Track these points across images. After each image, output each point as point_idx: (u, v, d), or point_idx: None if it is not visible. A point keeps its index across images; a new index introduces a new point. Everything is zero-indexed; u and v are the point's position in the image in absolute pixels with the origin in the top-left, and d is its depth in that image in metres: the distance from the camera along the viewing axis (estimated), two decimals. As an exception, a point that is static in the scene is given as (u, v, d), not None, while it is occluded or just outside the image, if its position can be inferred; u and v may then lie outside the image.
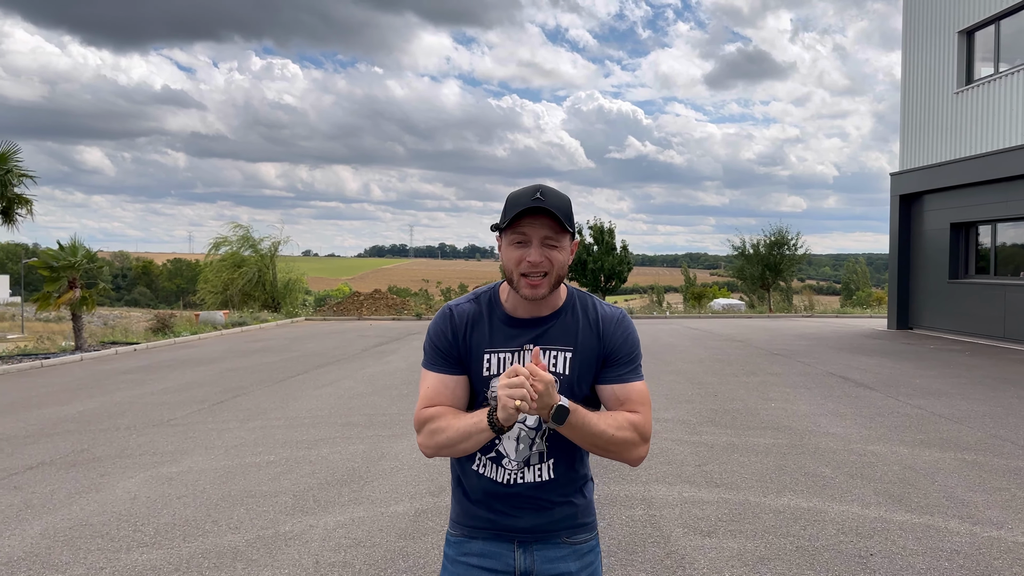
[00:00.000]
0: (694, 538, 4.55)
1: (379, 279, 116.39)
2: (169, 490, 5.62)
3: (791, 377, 10.89)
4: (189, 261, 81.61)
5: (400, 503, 5.25)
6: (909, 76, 19.07)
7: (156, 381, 11.18)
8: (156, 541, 4.59)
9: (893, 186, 19.49)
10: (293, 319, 24.74)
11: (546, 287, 1.84)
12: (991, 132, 15.80)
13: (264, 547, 4.47)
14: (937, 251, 18.06)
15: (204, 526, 4.84)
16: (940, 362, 12.70)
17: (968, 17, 16.73)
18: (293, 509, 5.15)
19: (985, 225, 16.87)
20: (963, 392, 9.58)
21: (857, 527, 4.70)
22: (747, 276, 31.17)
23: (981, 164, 15.93)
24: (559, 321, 1.94)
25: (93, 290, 16.38)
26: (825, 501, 5.21)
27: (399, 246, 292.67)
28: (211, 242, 29.83)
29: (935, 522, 4.78)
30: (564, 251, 1.86)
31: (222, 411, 8.68)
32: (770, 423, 7.72)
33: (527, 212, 1.81)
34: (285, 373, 11.81)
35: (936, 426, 7.56)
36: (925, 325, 18.51)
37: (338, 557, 4.31)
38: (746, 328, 20.29)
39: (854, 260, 77.25)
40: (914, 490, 5.44)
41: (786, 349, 14.69)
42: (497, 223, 1.91)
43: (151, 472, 6.12)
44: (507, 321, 1.94)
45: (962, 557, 4.22)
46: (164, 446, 7.01)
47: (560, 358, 1.92)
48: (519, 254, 1.83)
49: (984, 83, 16.14)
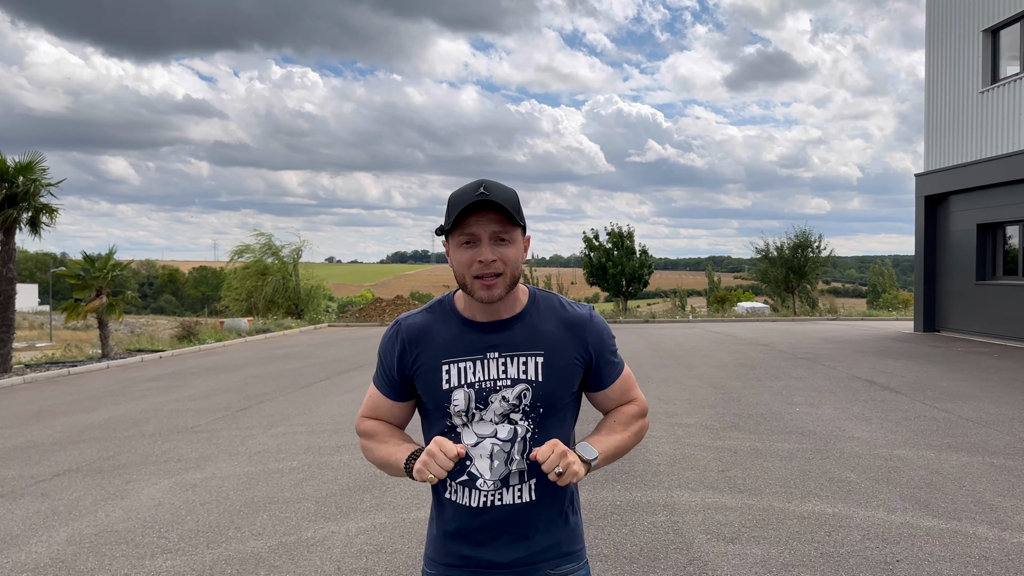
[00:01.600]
0: (717, 544, 4.51)
1: (401, 285, 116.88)
2: (193, 497, 5.67)
3: (815, 381, 10.78)
4: (214, 269, 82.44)
5: (422, 509, 5.26)
6: (933, 76, 18.85)
7: (181, 388, 11.29)
8: (180, 547, 4.63)
9: (918, 187, 19.27)
10: (316, 326, 24.89)
11: (502, 287, 1.71)
12: (1018, 131, 15.57)
13: (286, 553, 4.49)
14: (963, 252, 17.81)
15: (227, 532, 4.87)
16: (968, 365, 12.51)
17: (993, 15, 16.52)
18: (315, 515, 5.17)
19: (1013, 226, 16.62)
20: (991, 395, 9.44)
21: (883, 533, 4.64)
22: (771, 279, 30.94)
23: (1008, 164, 15.70)
24: (523, 324, 1.80)
25: (120, 298, 16.59)
26: (850, 507, 5.15)
27: (421, 252, 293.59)
28: (233, 250, 30.14)
29: (963, 528, 4.70)
30: (517, 246, 1.74)
31: (245, 418, 8.75)
32: (794, 428, 7.64)
33: (471, 208, 1.68)
34: (308, 379, 11.89)
35: (964, 430, 7.45)
36: (952, 327, 18.25)
37: (360, 563, 4.33)
38: (770, 332, 20.13)
39: (880, 262, 76.36)
40: (941, 495, 5.36)
41: (810, 353, 14.55)
42: (441, 226, 1.76)
43: (175, 479, 6.18)
44: (465, 327, 1.80)
45: (991, 563, 4.15)
46: (188, 453, 7.08)
47: (530, 363, 1.77)
48: (469, 255, 1.70)
49: (1010, 82, 15.92)
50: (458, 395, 1.76)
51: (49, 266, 31.45)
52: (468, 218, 1.69)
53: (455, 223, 1.69)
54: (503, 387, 1.75)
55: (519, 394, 1.75)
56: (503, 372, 1.76)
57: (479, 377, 1.76)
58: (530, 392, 1.75)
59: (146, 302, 76.67)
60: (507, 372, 1.76)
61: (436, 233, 1.78)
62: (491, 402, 1.75)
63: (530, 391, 1.75)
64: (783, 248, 30.08)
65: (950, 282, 18.37)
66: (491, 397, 1.75)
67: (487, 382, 1.76)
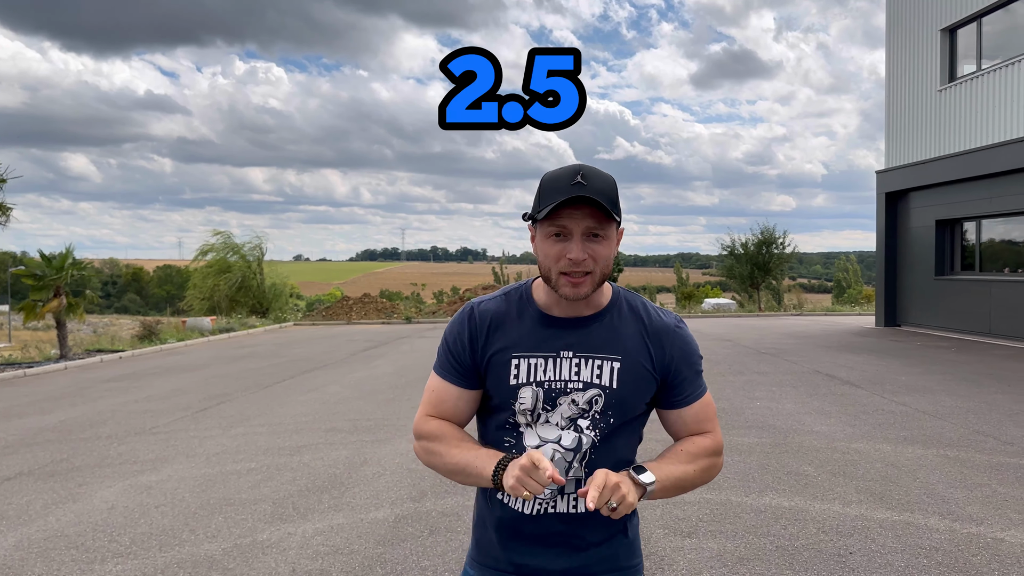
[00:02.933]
0: (674, 539, 4.53)
1: (371, 283, 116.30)
2: (147, 499, 5.57)
3: (777, 376, 10.89)
4: (179, 267, 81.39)
5: (380, 509, 5.21)
6: (893, 74, 19.14)
7: (140, 389, 11.11)
8: (131, 551, 4.54)
9: (879, 184, 19.56)
10: (281, 324, 24.65)
11: (589, 286, 1.60)
12: (974, 129, 15.86)
13: (241, 556, 4.43)
14: (923, 248, 18.12)
15: (181, 535, 4.79)
16: (926, 359, 12.73)
17: (950, 15, 16.81)
18: (272, 517, 5.10)
19: (970, 222, 16.94)
20: (948, 388, 9.60)
21: (838, 526, 4.69)
22: (736, 275, 31.26)
23: (965, 161, 15.99)
24: (602, 323, 1.68)
25: (80, 298, 16.27)
26: (807, 500, 5.20)
27: (391, 249, 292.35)
28: (198, 248, 29.79)
29: (915, 519, 4.77)
30: (610, 243, 1.61)
31: (205, 418, 8.62)
32: (755, 422, 7.71)
33: (567, 202, 1.55)
34: (271, 379, 11.76)
35: (920, 423, 7.57)
36: (912, 322, 18.56)
37: (315, 565, 4.28)
38: (735, 327, 20.32)
39: (845, 258, 77.46)
40: (895, 487, 5.44)
41: (774, 348, 14.70)
42: (529, 212, 1.64)
43: (130, 481, 6.07)
44: (541, 320, 1.68)
45: (941, 554, 4.21)
46: (145, 455, 6.95)
47: (606, 368, 1.64)
48: (558, 249, 1.58)
49: (967, 80, 16.21)
50: (525, 393, 1.64)
51: (8, 265, 30.82)
52: (562, 211, 1.57)
53: (548, 214, 1.57)
54: (574, 390, 1.64)
55: (591, 399, 1.64)
56: (575, 374, 1.64)
57: (550, 376, 1.64)
58: (602, 399, 1.63)
59: (109, 301, 75.35)
60: (580, 374, 1.64)
61: (523, 218, 1.67)
62: (559, 404, 1.64)
63: (602, 397, 1.63)
64: (748, 245, 30.43)
65: (910, 277, 18.68)
66: (560, 399, 1.64)
67: (558, 382, 1.64)
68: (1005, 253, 16.07)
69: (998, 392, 9.28)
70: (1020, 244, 15.60)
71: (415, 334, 20.39)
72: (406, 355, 14.99)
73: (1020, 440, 6.79)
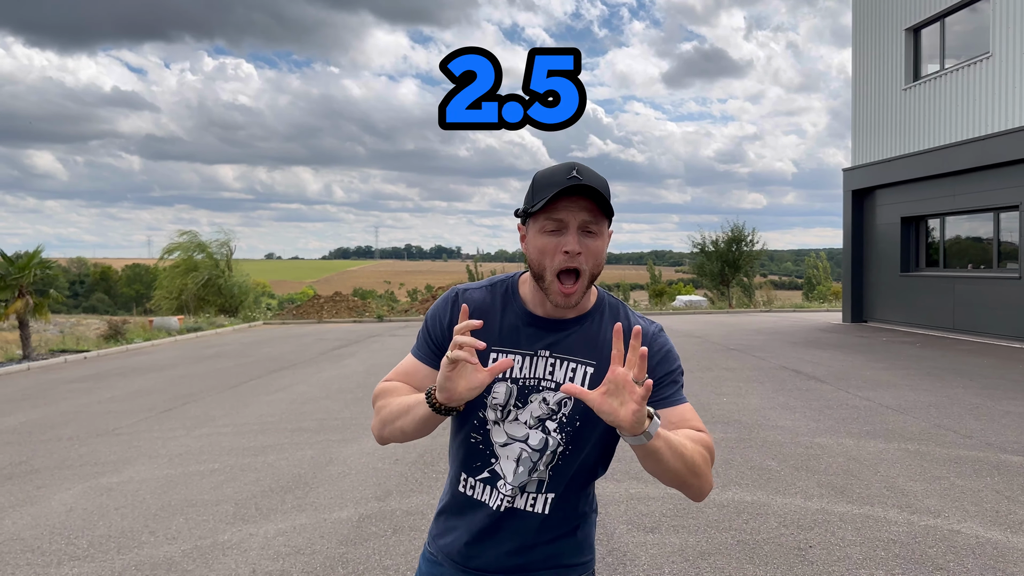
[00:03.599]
0: (637, 535, 4.55)
1: (344, 281, 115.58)
2: (107, 501, 5.48)
3: (745, 372, 10.99)
4: (147, 266, 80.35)
5: (344, 509, 5.18)
6: (859, 73, 19.37)
7: (104, 390, 10.95)
8: (89, 554, 4.47)
9: (846, 181, 19.79)
10: (251, 324, 24.42)
11: (580, 293, 1.59)
12: (938, 128, 16.11)
13: (200, 557, 4.37)
14: (889, 245, 18.37)
15: (140, 537, 4.72)
16: (891, 354, 12.91)
17: (914, 15, 17.04)
18: (234, 518, 5.05)
19: (934, 219, 17.20)
20: (911, 383, 9.74)
21: (798, 519, 4.74)
22: (707, 273, 31.49)
23: (928, 159, 16.23)
24: (583, 327, 1.67)
25: (45, 298, 15.99)
26: (769, 494, 5.25)
27: (364, 247, 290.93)
28: (165, 247, 29.42)
29: (874, 512, 4.83)
30: (603, 240, 1.60)
31: (169, 419, 8.52)
32: (721, 417, 7.77)
33: (564, 192, 1.53)
34: (238, 379, 11.64)
35: (882, 417, 7.67)
36: (878, 318, 18.81)
37: (276, 566, 4.24)
38: (705, 324, 20.46)
39: (814, 255, 78.36)
40: (856, 481, 5.50)
41: (742, 344, 14.83)
42: (522, 208, 1.64)
43: (90, 483, 5.98)
44: (523, 318, 1.67)
45: (898, 546, 4.27)
46: (106, 456, 6.85)
47: (579, 371, 1.64)
48: (554, 242, 1.56)
49: (930, 79, 16.45)
50: (500, 388, 1.63)
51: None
52: (558, 202, 1.55)
53: (545, 205, 1.55)
54: (546, 388, 1.64)
55: (560, 401, 1.63)
56: (550, 373, 1.64)
57: (525, 373, 1.64)
58: (571, 402, 1.62)
59: (77, 301, 74.15)
60: (554, 375, 1.64)
61: (515, 215, 1.66)
62: (531, 401, 1.64)
63: (571, 401, 1.62)
64: (718, 243, 30.67)
65: (876, 274, 18.93)
66: (532, 396, 1.64)
67: (532, 380, 1.64)
68: (968, 250, 16.34)
69: (960, 387, 9.43)
70: (982, 241, 15.87)
71: (387, 332, 20.29)
72: (377, 354, 14.91)
73: (979, 434, 6.90)
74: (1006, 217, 14.85)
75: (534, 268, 1.61)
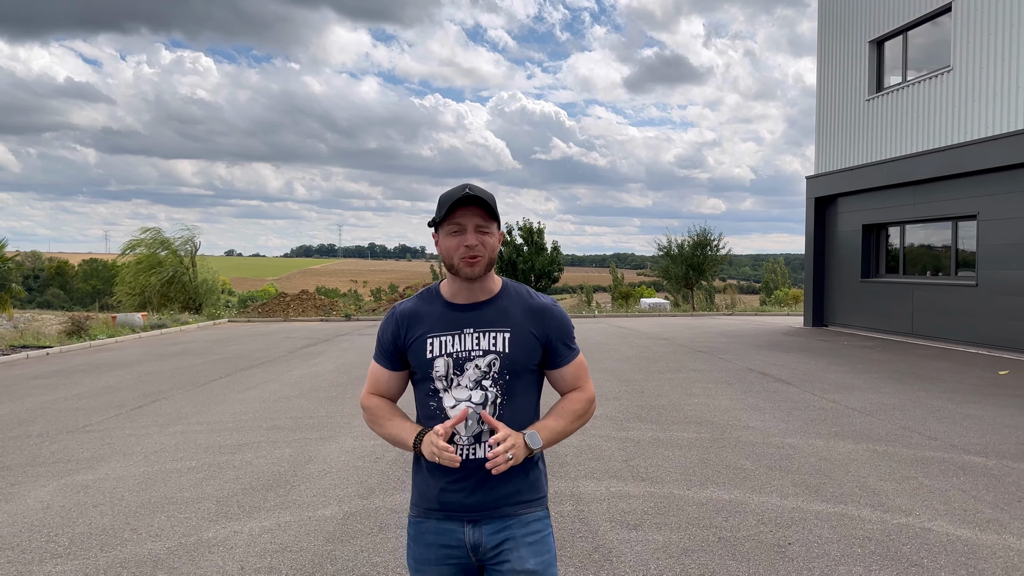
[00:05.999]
0: (621, 532, 4.64)
1: (307, 279, 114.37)
2: (85, 498, 5.42)
3: (713, 373, 11.17)
4: (105, 261, 78.74)
5: (328, 507, 5.19)
6: (824, 83, 19.77)
7: (70, 386, 10.76)
8: (71, 551, 4.43)
9: (808, 189, 20.18)
10: (215, 321, 24.11)
11: (481, 266, 2.08)
12: (900, 138, 16.52)
13: (186, 555, 4.36)
14: (850, 251, 18.78)
15: (123, 535, 4.69)
16: (853, 358, 13.21)
17: (879, 27, 17.45)
18: (217, 515, 5.03)
19: (895, 227, 17.63)
20: (874, 386, 10.00)
21: (776, 517, 4.86)
22: (672, 276, 31.84)
23: (890, 168, 16.64)
24: (495, 306, 2.16)
25: (6, 292, 15.66)
26: (746, 493, 5.38)
27: (327, 246, 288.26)
28: (126, 243, 28.85)
29: (849, 511, 4.98)
30: (494, 236, 2.11)
31: (141, 416, 8.42)
32: (693, 418, 7.91)
33: (460, 203, 2.05)
34: (207, 377, 11.52)
35: (849, 419, 7.87)
36: (839, 322, 19.22)
37: (264, 563, 4.24)
38: (671, 326, 20.71)
39: (773, 260, 79.61)
40: (829, 481, 5.66)
41: (708, 346, 15.06)
42: (433, 219, 2.13)
43: (65, 480, 5.90)
44: (447, 307, 2.16)
45: (873, 543, 4.41)
46: (79, 453, 6.76)
47: (499, 338, 2.12)
48: (456, 241, 2.07)
49: (893, 91, 16.86)
50: (439, 363, 2.12)
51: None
52: (456, 211, 2.06)
53: (446, 215, 2.06)
54: (476, 356, 2.11)
55: (489, 363, 2.11)
56: (476, 344, 2.11)
57: (456, 348, 2.11)
58: (498, 361, 2.11)
59: (31, 296, 72.33)
60: (480, 344, 2.11)
61: (428, 225, 2.15)
62: (466, 369, 2.10)
63: (498, 360, 2.11)
64: (684, 246, 31.04)
65: (837, 279, 19.34)
66: (466, 365, 2.10)
67: (463, 352, 2.11)
68: (926, 257, 16.78)
69: (921, 390, 9.71)
70: (940, 249, 16.32)
71: (355, 331, 20.20)
72: (347, 352, 14.85)
73: (943, 435, 7.13)
74: (964, 226, 15.29)
75: (446, 263, 2.10)
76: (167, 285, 26.89)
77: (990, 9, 14.03)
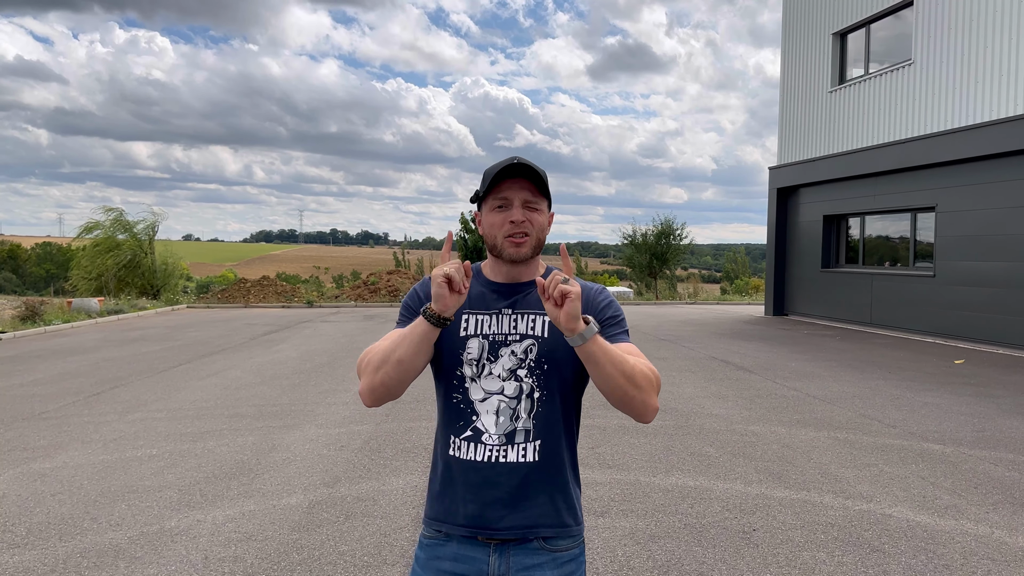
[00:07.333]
0: (588, 518, 4.65)
1: (267, 265, 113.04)
2: (42, 487, 5.30)
3: (677, 361, 11.27)
4: (60, 245, 76.90)
5: (293, 495, 5.13)
6: (788, 74, 19.98)
7: (25, 372, 10.50)
8: (28, 541, 4.32)
9: (771, 179, 20.41)
10: (174, 307, 23.71)
11: (528, 247, 1.84)
12: (861, 130, 16.77)
13: (148, 544, 4.28)
14: (811, 242, 19.05)
15: (82, 524, 4.59)
16: (813, 347, 13.42)
17: (842, 20, 17.66)
18: (179, 504, 4.95)
19: (855, 218, 17.92)
20: (834, 375, 10.17)
21: (741, 504, 4.92)
22: (636, 264, 32.05)
23: (851, 160, 16.89)
24: (536, 289, 1.89)
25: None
26: (711, 479, 5.43)
27: (288, 231, 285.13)
28: (82, 226, 28.19)
29: (811, 497, 5.06)
30: (543, 215, 1.87)
31: (99, 403, 8.24)
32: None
33: (506, 174, 1.81)
34: (166, 363, 11.32)
35: (811, 407, 8.00)
36: (799, 311, 19.51)
37: (228, 552, 4.18)
38: (634, 314, 20.84)
39: (734, 250, 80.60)
40: (792, 468, 5.74)
41: (672, 335, 15.18)
42: (476, 193, 1.91)
43: (21, 468, 5.75)
44: (487, 286, 1.92)
45: (836, 529, 4.49)
46: (36, 441, 6.60)
47: (538, 321, 1.88)
48: (501, 217, 1.83)
49: (855, 83, 17.09)
50: (473, 343, 1.85)
51: None
52: (502, 184, 1.82)
53: (490, 187, 1.82)
54: (512, 341, 1.85)
55: (526, 348, 1.85)
56: (513, 327, 1.86)
57: (493, 330, 1.86)
58: (536, 347, 1.84)
59: (-19, 280, 70.29)
60: (517, 328, 1.86)
61: (471, 200, 1.92)
62: (501, 355, 1.84)
63: (536, 346, 1.84)
64: (648, 235, 31.24)
65: (798, 269, 19.62)
66: (501, 350, 1.84)
67: (499, 335, 1.86)
68: (885, 248, 17.09)
69: (880, 379, 9.89)
70: (898, 240, 16.63)
71: (318, 318, 20.00)
72: (310, 339, 14.70)
73: (902, 423, 7.27)
74: (923, 217, 15.59)
75: (489, 242, 1.87)
76: (124, 269, 26.37)
77: (951, 5, 14.27)
